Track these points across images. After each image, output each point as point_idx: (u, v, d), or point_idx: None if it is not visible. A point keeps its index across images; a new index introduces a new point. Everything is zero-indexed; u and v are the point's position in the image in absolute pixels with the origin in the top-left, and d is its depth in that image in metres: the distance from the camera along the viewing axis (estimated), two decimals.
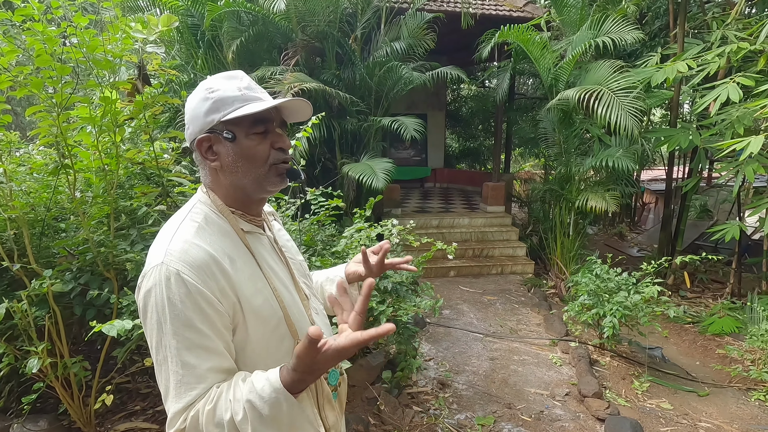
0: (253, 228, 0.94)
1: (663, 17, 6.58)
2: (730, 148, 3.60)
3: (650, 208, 10.06)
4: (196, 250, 0.80)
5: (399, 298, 2.68)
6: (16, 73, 1.88)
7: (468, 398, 3.11)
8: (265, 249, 0.95)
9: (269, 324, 0.86)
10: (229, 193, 0.90)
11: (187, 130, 0.90)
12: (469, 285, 5.59)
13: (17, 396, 2.28)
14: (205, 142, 0.87)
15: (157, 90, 2.35)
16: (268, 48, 5.68)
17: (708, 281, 5.76)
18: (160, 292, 0.76)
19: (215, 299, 0.78)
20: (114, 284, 2.14)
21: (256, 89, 0.89)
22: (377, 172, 4.79)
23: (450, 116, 11.04)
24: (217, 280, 0.79)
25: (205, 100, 0.86)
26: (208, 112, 0.86)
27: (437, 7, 6.25)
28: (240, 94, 0.86)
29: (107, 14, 3.19)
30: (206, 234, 0.84)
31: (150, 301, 0.77)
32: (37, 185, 2.43)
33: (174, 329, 0.75)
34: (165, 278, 0.76)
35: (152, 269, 0.78)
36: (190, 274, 0.77)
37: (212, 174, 0.90)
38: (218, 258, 0.81)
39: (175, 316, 0.75)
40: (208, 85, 0.88)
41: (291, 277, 0.99)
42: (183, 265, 0.77)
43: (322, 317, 1.04)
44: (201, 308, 0.76)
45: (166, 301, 0.76)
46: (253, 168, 0.87)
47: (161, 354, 0.77)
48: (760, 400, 3.26)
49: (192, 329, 0.76)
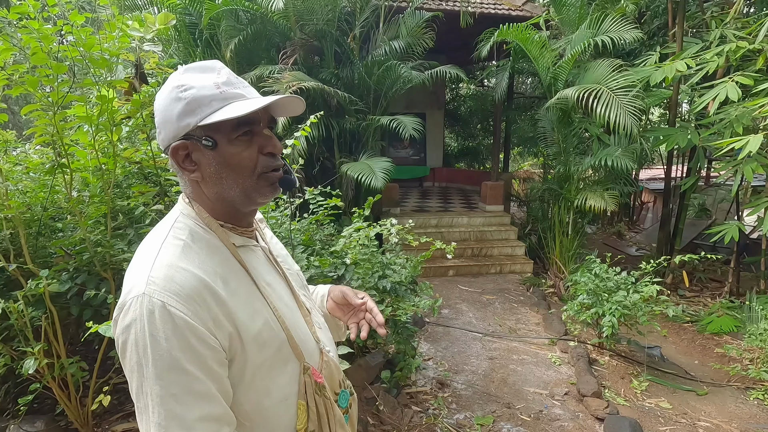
0: (246, 241, 0.84)
1: (662, 16, 6.57)
2: (729, 147, 3.60)
3: (649, 207, 10.08)
4: (183, 275, 0.69)
5: (398, 298, 2.68)
6: (11, 71, 1.86)
7: (467, 398, 3.10)
8: (261, 263, 0.86)
9: (270, 348, 0.77)
10: (216, 206, 0.79)
11: (159, 134, 0.76)
12: (468, 284, 5.58)
13: (14, 397, 2.26)
14: (181, 150, 0.75)
15: (154, 89, 2.34)
16: (267, 47, 5.66)
17: (706, 280, 5.77)
18: (141, 329, 0.65)
19: (207, 333, 0.68)
20: (111, 284, 2.13)
21: (236, 84, 0.76)
22: (376, 172, 4.78)
23: (449, 115, 11.03)
24: (209, 309, 0.69)
25: (177, 101, 0.73)
26: (181, 115, 0.73)
27: (436, 5, 6.24)
28: (218, 92, 0.73)
29: (104, 12, 3.17)
30: (193, 254, 0.73)
31: (130, 339, 0.66)
32: (34, 184, 2.41)
33: (157, 373, 0.64)
34: (148, 312, 0.65)
35: (132, 300, 0.67)
36: (177, 305, 0.66)
37: (193, 185, 0.79)
38: (209, 282, 0.71)
39: (158, 357, 0.64)
40: (179, 81, 0.74)
41: (291, 292, 0.90)
42: (169, 296, 0.66)
43: (325, 332, 0.97)
44: (190, 346, 0.66)
45: (149, 340, 0.65)
46: (239, 178, 0.76)
47: (142, 401, 0.66)
48: (758, 399, 3.26)
49: (178, 371, 0.65)
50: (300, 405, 0.82)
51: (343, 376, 0.96)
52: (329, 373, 0.90)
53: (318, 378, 0.85)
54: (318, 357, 0.88)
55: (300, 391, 0.82)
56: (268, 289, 0.82)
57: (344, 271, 2.55)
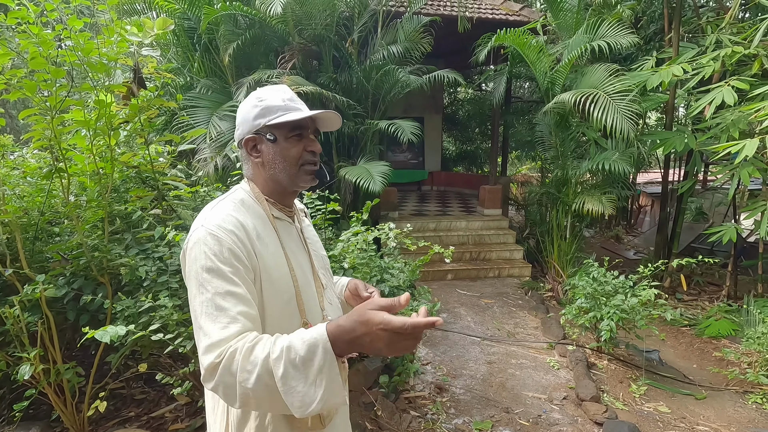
0: (283, 216, 1.08)
1: (658, 21, 6.63)
2: (726, 151, 3.62)
3: (646, 210, 10.11)
4: (231, 219, 0.94)
5: None
6: (9, 76, 1.86)
7: (465, 402, 3.09)
8: (291, 237, 1.09)
9: (282, 297, 0.98)
10: (267, 184, 1.06)
11: (237, 130, 1.05)
12: (467, 288, 5.58)
13: (9, 403, 2.25)
14: (251, 142, 1.04)
15: (152, 93, 2.34)
16: (265, 51, 5.68)
17: (704, 284, 5.78)
18: (198, 248, 0.90)
19: (243, 255, 0.91)
20: (108, 289, 2.12)
21: (297, 101, 1.05)
22: (374, 176, 4.79)
23: (447, 119, 11.07)
24: (245, 244, 0.93)
25: (254, 107, 1.02)
26: (256, 117, 1.01)
27: (434, 10, 6.27)
28: (283, 104, 1.01)
29: (102, 17, 3.17)
30: (242, 211, 0.99)
31: (191, 256, 0.90)
32: (31, 189, 2.41)
33: (209, 278, 0.87)
34: (203, 237, 0.90)
35: (194, 232, 0.93)
36: (223, 234, 0.91)
37: (254, 168, 1.06)
38: (249, 229, 0.96)
39: (209, 267, 0.88)
40: (258, 95, 1.04)
41: (311, 265, 1.11)
42: (218, 228, 0.91)
43: (335, 308, 1.14)
44: (231, 262, 0.89)
45: (203, 255, 0.89)
46: (288, 165, 1.03)
47: (197, 300, 0.87)
48: (757, 403, 3.26)
49: (224, 278, 0.87)
50: None
51: None
52: None
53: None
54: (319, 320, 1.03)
55: None
56: (291, 255, 1.04)
57: (342, 275, 2.55)
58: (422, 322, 0.75)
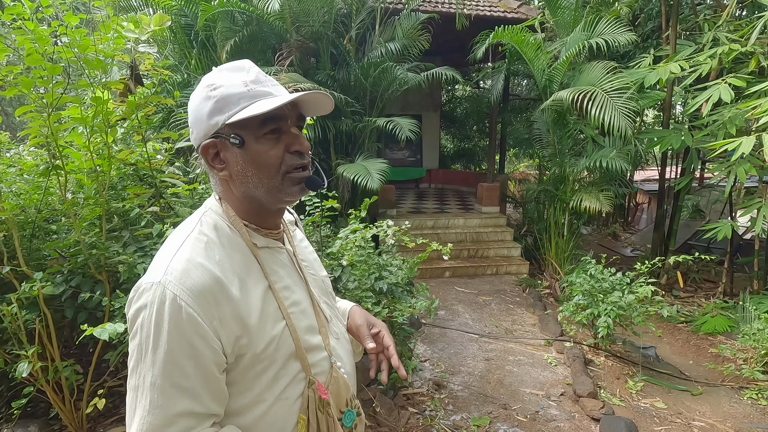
0: (270, 242, 0.83)
1: (655, 19, 6.63)
2: (722, 148, 3.63)
3: (643, 208, 10.15)
4: (200, 272, 0.70)
5: (394, 300, 2.68)
6: (5, 72, 1.85)
7: (463, 399, 3.10)
8: (283, 266, 0.85)
9: (277, 356, 0.77)
10: (243, 205, 0.79)
11: (192, 134, 0.78)
12: (465, 286, 5.59)
13: (7, 401, 2.24)
14: (210, 149, 0.76)
15: (149, 90, 2.33)
16: (263, 48, 5.66)
17: (700, 281, 5.81)
18: (149, 315, 0.67)
19: (211, 334, 0.69)
20: (106, 287, 2.12)
21: (265, 82, 0.76)
22: (372, 173, 4.79)
23: (445, 117, 11.05)
24: (218, 307, 0.70)
25: (207, 99, 0.74)
26: (211, 114, 0.74)
27: (432, 8, 6.26)
28: (246, 90, 0.74)
29: (99, 13, 3.16)
30: (215, 250, 0.74)
31: (137, 322, 0.69)
32: (28, 186, 2.40)
33: (153, 359, 0.66)
34: (159, 301, 0.67)
35: (148, 286, 0.69)
36: (187, 300, 0.67)
37: (222, 184, 0.80)
38: (225, 282, 0.72)
39: (158, 346, 0.66)
40: (210, 80, 0.76)
41: (310, 299, 0.88)
42: (182, 289, 0.68)
43: (343, 342, 0.94)
44: (190, 342, 0.67)
45: (153, 327, 0.67)
46: (264, 177, 0.75)
47: (134, 381, 0.68)
48: (752, 399, 3.29)
49: (173, 364, 0.67)
50: (300, 419, 0.80)
51: (352, 394, 0.91)
52: (336, 390, 0.86)
53: (323, 394, 0.82)
54: (327, 370, 0.85)
55: (302, 404, 0.80)
56: (285, 293, 0.82)
57: (341, 272, 2.55)
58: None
